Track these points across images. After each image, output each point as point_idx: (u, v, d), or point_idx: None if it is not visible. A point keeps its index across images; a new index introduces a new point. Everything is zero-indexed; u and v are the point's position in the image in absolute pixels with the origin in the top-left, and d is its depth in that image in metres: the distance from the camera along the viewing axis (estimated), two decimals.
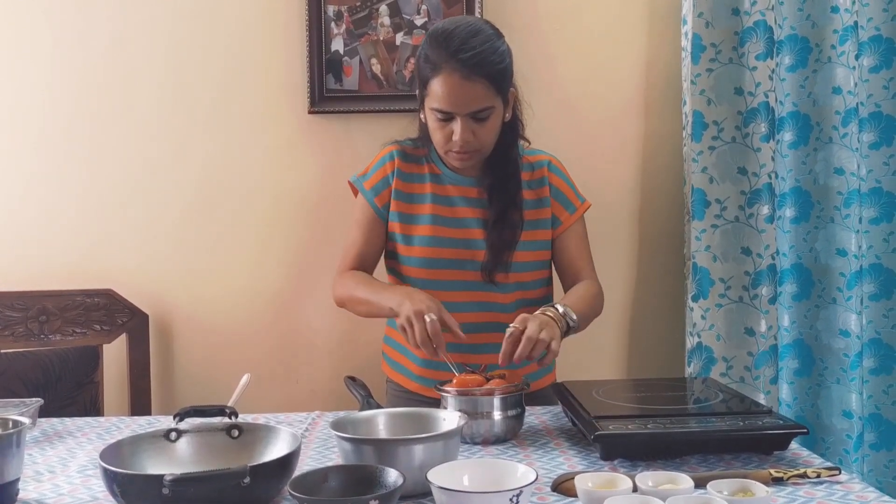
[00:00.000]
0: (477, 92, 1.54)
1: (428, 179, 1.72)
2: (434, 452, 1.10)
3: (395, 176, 1.71)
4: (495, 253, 1.65)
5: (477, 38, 1.55)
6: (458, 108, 1.55)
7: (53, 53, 2.18)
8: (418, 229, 1.69)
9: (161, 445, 1.19)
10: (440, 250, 1.68)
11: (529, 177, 1.72)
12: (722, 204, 2.09)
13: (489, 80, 1.54)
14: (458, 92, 1.54)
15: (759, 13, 2.04)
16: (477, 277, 1.67)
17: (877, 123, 1.99)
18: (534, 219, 1.70)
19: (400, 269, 1.72)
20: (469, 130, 1.57)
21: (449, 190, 1.71)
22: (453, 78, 1.53)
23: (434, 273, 1.68)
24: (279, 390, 2.21)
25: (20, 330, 2.10)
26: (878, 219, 2.01)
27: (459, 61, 1.52)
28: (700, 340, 2.07)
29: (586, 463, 1.24)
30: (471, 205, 1.70)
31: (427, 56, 1.57)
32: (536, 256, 1.71)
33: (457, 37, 1.54)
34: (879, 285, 2.01)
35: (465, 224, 1.69)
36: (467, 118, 1.56)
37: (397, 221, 1.70)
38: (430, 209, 1.70)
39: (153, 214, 2.21)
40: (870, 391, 2.00)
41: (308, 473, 1.05)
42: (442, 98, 1.55)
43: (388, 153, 1.74)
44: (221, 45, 2.19)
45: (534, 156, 1.76)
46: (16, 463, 1.10)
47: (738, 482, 1.04)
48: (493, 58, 1.55)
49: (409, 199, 1.71)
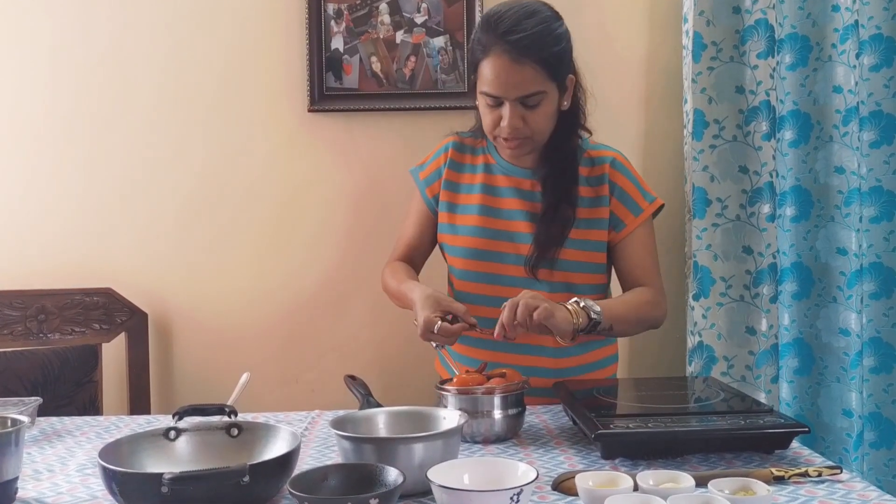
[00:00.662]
0: (526, 75, 1.48)
1: (480, 170, 1.68)
2: (434, 451, 1.10)
3: (447, 166, 1.69)
4: (541, 247, 1.58)
5: (531, 19, 1.49)
6: (506, 93, 1.50)
7: (53, 52, 2.18)
8: (465, 219, 1.66)
9: (160, 444, 1.18)
10: (483, 241, 1.63)
11: (588, 172, 1.64)
12: (723, 202, 2.08)
13: (541, 63, 1.48)
14: (506, 75, 1.48)
15: (760, 11, 2.04)
16: (520, 273, 1.60)
17: (877, 122, 1.99)
18: (588, 217, 1.62)
19: (446, 260, 1.70)
20: (518, 116, 1.51)
21: (499, 181, 1.66)
22: (502, 60, 1.48)
23: (476, 265, 1.63)
24: (279, 389, 2.21)
25: (19, 329, 2.09)
26: (878, 217, 2.01)
27: (509, 43, 1.47)
28: (701, 339, 2.07)
29: (587, 462, 1.24)
30: (520, 196, 1.64)
31: (478, 38, 1.53)
32: (589, 258, 1.63)
33: (508, 18, 1.49)
34: (879, 284, 2.01)
35: (510, 216, 1.64)
36: (516, 103, 1.50)
37: (445, 211, 1.68)
38: (479, 199, 1.66)
39: (152, 213, 2.21)
40: (870, 390, 2.00)
41: (308, 472, 1.04)
42: (490, 81, 1.50)
43: (445, 144, 1.72)
44: (221, 44, 2.18)
45: (597, 151, 1.67)
46: (14, 461, 1.09)
47: (740, 481, 1.03)
48: (547, 40, 1.49)
49: (457, 189, 1.68)
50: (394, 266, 1.71)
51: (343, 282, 2.21)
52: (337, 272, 2.21)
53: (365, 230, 2.19)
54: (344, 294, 2.22)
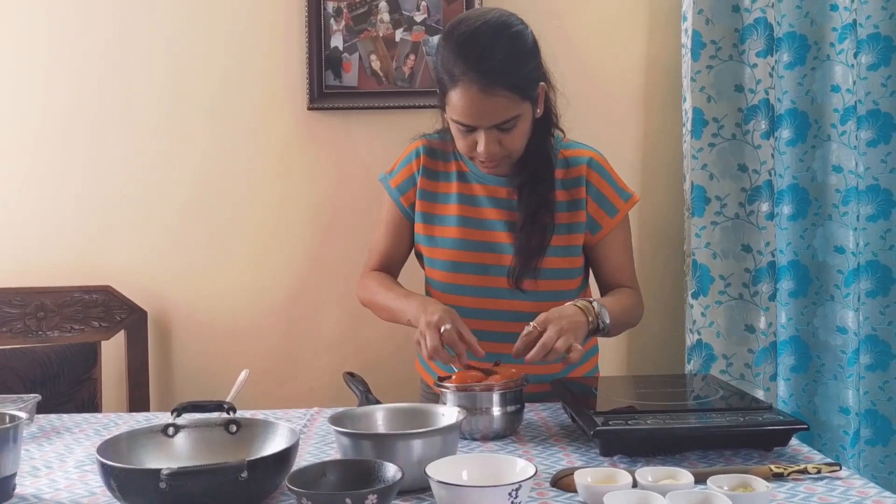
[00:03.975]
0: (499, 104, 1.41)
1: (454, 178, 1.62)
2: (433, 447, 1.10)
3: (420, 174, 1.62)
4: (523, 258, 1.54)
5: (499, 41, 1.41)
6: (479, 122, 1.44)
7: (52, 51, 2.18)
8: (443, 231, 1.61)
9: (159, 441, 1.18)
10: (464, 254, 1.58)
11: (564, 175, 1.58)
12: (722, 201, 2.08)
13: (513, 89, 1.41)
14: (478, 106, 1.41)
15: (759, 10, 2.04)
16: (503, 284, 1.56)
17: (875, 121, 2.00)
18: (567, 222, 1.58)
19: (424, 272, 1.65)
20: (494, 141, 1.45)
21: (475, 189, 1.60)
22: (472, 91, 1.40)
23: (458, 277, 1.59)
24: (278, 387, 2.21)
25: (18, 326, 2.09)
26: (875, 216, 2.01)
27: (479, 72, 1.39)
28: (700, 337, 2.07)
29: (586, 458, 1.24)
30: (498, 206, 1.59)
31: (444, 62, 1.44)
32: (569, 263, 1.59)
33: (477, 42, 1.41)
34: (876, 282, 2.01)
35: (490, 226, 1.59)
36: (491, 129, 1.44)
37: (421, 222, 1.62)
38: (456, 210, 1.60)
39: (152, 211, 2.21)
40: (866, 387, 2.01)
41: (306, 468, 1.04)
42: (461, 111, 1.43)
43: (415, 149, 1.65)
44: (221, 42, 2.18)
45: (572, 150, 1.61)
46: (12, 458, 1.09)
47: (739, 477, 1.03)
48: (518, 63, 1.43)
49: (433, 198, 1.62)
50: (377, 277, 1.65)
51: (342, 279, 2.21)
52: (336, 269, 2.21)
53: (364, 228, 2.18)
54: (343, 291, 2.21)
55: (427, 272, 1.65)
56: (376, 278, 1.66)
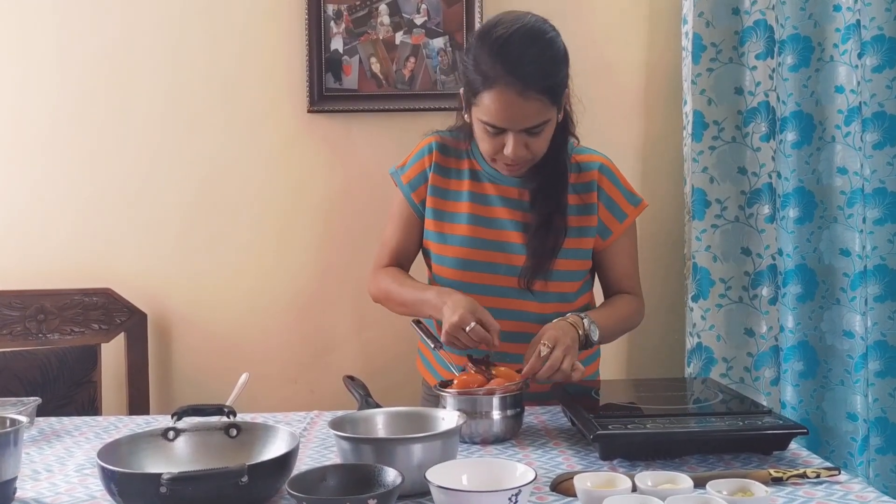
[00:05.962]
0: (533, 108, 1.44)
1: (466, 176, 1.63)
2: (433, 452, 1.10)
3: (432, 170, 1.63)
4: (536, 260, 1.56)
5: (535, 46, 1.43)
6: (512, 125, 1.45)
7: (54, 54, 2.18)
8: (453, 228, 1.62)
9: (159, 444, 1.18)
10: (474, 252, 1.60)
11: (576, 179, 1.61)
12: (722, 204, 2.08)
13: (546, 93, 1.44)
14: (512, 110, 1.43)
15: (759, 12, 2.04)
16: (512, 284, 1.58)
17: (880, 123, 1.99)
18: (578, 226, 1.60)
19: (432, 269, 1.66)
20: (522, 145, 1.47)
21: (487, 188, 1.62)
22: (508, 95, 1.42)
23: (466, 275, 1.59)
24: (278, 390, 2.21)
25: (18, 329, 2.09)
26: (882, 219, 2.00)
27: (515, 76, 1.41)
28: (700, 341, 2.07)
29: (585, 463, 1.24)
30: (509, 206, 1.60)
31: (478, 64, 1.45)
32: (579, 266, 1.62)
33: (513, 47, 1.42)
34: (884, 286, 2.00)
35: (501, 226, 1.60)
36: (521, 133, 1.46)
37: (432, 219, 1.63)
38: (467, 208, 1.61)
39: (152, 214, 2.21)
40: (875, 394, 1.99)
41: (306, 472, 1.04)
42: (495, 114, 1.44)
43: (427, 145, 1.66)
44: (221, 45, 2.19)
45: (584, 156, 1.64)
46: (13, 461, 1.09)
47: (738, 482, 1.03)
48: (552, 70, 1.45)
49: (445, 195, 1.63)
50: (390, 272, 1.66)
51: (343, 282, 2.21)
52: (336, 273, 2.21)
53: (364, 230, 2.19)
54: (343, 294, 2.22)
55: (434, 269, 1.66)
56: (390, 273, 1.67)
